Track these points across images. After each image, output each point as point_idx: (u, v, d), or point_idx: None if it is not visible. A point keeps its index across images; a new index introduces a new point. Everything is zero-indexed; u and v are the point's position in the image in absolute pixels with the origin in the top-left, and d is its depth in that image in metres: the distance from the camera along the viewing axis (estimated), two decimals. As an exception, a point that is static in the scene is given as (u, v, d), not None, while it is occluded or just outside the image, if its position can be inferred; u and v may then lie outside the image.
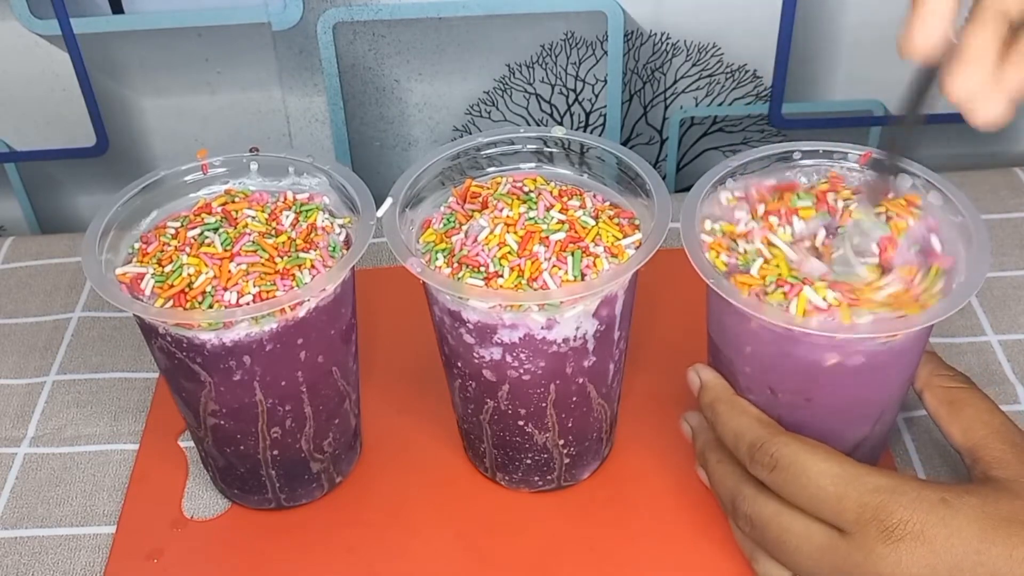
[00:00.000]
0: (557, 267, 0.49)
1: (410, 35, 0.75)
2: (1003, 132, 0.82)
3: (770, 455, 0.48)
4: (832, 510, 0.46)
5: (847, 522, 0.45)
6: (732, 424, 0.51)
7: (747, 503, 0.49)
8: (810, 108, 0.80)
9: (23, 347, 0.69)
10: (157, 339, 0.51)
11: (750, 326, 0.49)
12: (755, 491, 0.49)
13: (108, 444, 0.62)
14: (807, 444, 0.48)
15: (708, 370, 0.54)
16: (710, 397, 0.53)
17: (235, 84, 0.77)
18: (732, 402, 0.52)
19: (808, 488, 0.46)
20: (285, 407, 0.53)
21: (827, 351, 0.48)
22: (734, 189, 0.54)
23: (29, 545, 0.57)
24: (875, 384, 0.50)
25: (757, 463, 0.49)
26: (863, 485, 0.45)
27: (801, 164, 0.55)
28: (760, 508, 0.49)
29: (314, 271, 0.50)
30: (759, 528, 0.49)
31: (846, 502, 0.45)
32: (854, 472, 0.46)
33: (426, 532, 0.56)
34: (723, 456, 0.52)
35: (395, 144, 0.81)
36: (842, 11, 0.76)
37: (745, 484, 0.50)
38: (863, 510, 0.45)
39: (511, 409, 0.53)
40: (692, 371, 0.54)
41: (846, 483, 0.46)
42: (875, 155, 0.52)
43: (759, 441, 0.49)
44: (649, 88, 0.79)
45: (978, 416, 0.50)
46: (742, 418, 0.51)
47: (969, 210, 0.51)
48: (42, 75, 0.76)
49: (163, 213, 0.55)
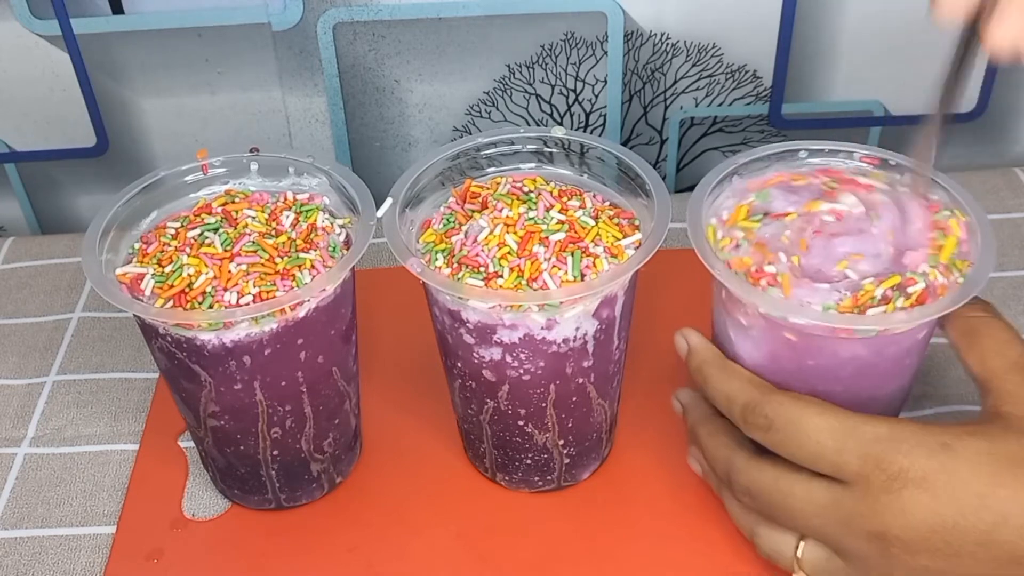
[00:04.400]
0: (557, 267, 0.49)
1: (410, 35, 0.75)
2: (1003, 132, 0.82)
3: (765, 416, 0.47)
4: (833, 464, 0.45)
5: (849, 474, 0.45)
6: (724, 387, 0.50)
7: (743, 474, 0.49)
8: (810, 108, 0.80)
9: (23, 347, 0.69)
10: (157, 339, 0.51)
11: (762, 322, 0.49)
12: (749, 460, 0.49)
13: (108, 444, 0.62)
14: (801, 400, 0.47)
15: (696, 334, 0.53)
16: (698, 360, 0.52)
17: (235, 84, 0.77)
18: (722, 365, 0.51)
19: (807, 445, 0.46)
20: (285, 407, 0.53)
21: (841, 345, 0.47)
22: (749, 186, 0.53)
23: (29, 545, 0.57)
24: (881, 375, 0.50)
25: (752, 425, 0.48)
26: (862, 435, 0.45)
27: (807, 162, 0.54)
28: (757, 476, 0.48)
29: (314, 271, 0.50)
30: (759, 497, 0.48)
31: (846, 455, 0.45)
32: (852, 423, 0.45)
33: (426, 532, 0.56)
34: (714, 428, 0.51)
35: (395, 144, 0.81)
36: (842, 11, 0.76)
37: (739, 454, 0.49)
38: (864, 461, 0.44)
39: (511, 409, 0.53)
40: (679, 335, 0.53)
41: (844, 435, 0.45)
42: (926, 116, 0.49)
43: (752, 403, 0.48)
44: (649, 88, 0.79)
45: (995, 346, 0.48)
46: (733, 380, 0.50)
47: (975, 209, 0.51)
48: (42, 75, 0.76)
49: (163, 213, 0.55)
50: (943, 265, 0.48)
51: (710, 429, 0.52)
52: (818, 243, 0.49)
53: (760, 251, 0.49)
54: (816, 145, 0.54)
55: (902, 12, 0.76)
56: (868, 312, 0.46)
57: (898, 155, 0.53)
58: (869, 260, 0.48)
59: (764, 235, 0.50)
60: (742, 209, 0.52)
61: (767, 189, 0.52)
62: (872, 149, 0.54)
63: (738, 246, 0.50)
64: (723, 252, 0.50)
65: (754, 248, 0.50)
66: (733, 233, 0.51)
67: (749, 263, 0.49)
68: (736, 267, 0.49)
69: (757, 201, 0.52)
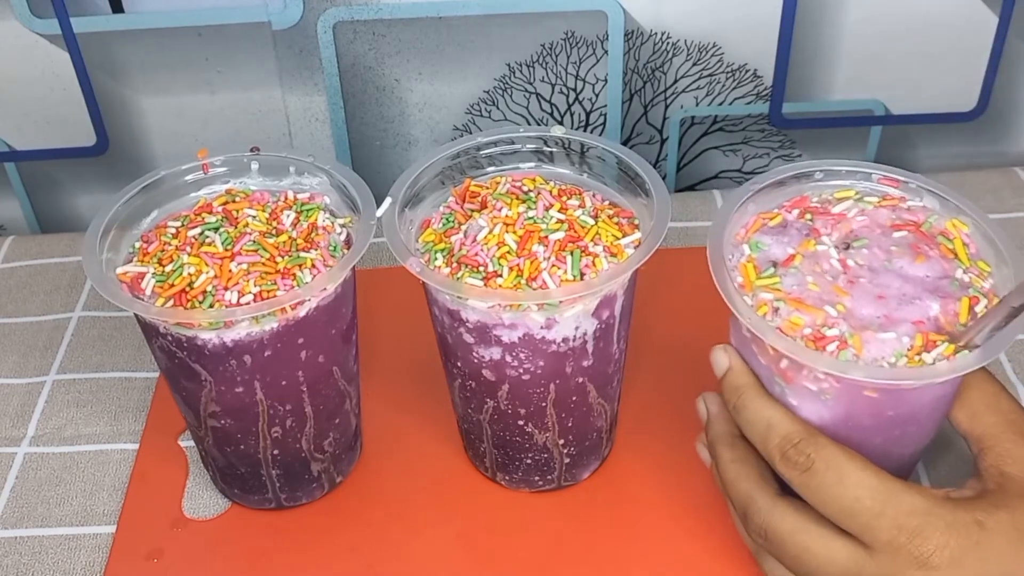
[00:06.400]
0: (556, 267, 0.49)
1: (410, 34, 0.75)
2: (1003, 132, 0.82)
3: (807, 455, 0.45)
4: (864, 526, 0.44)
5: (878, 541, 0.44)
6: (764, 413, 0.47)
7: (763, 515, 0.47)
8: (810, 108, 0.80)
9: (23, 346, 0.69)
10: (158, 339, 0.51)
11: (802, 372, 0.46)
12: (771, 503, 0.47)
13: (108, 444, 0.62)
14: (846, 450, 0.45)
15: (738, 355, 0.50)
16: (740, 381, 0.49)
17: (235, 83, 0.77)
18: (765, 393, 0.48)
19: (843, 498, 0.44)
20: (286, 407, 0.53)
21: (924, 389, 0.46)
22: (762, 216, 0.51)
23: (29, 545, 0.57)
24: (949, 405, 0.49)
25: (790, 460, 0.46)
26: (900, 505, 0.43)
27: (824, 184, 0.52)
28: (777, 522, 0.46)
29: (315, 271, 0.50)
30: (774, 542, 0.46)
31: (882, 520, 0.43)
32: (892, 488, 0.44)
33: (426, 532, 0.56)
34: (737, 455, 0.49)
35: (395, 143, 0.81)
36: (843, 11, 0.75)
37: (761, 493, 0.47)
38: (899, 532, 0.43)
39: (511, 409, 0.53)
40: (721, 350, 0.50)
41: (884, 500, 0.44)
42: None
43: (795, 437, 0.46)
44: (649, 87, 0.79)
45: (984, 400, 0.48)
46: (776, 410, 0.47)
47: (995, 230, 0.49)
48: (42, 74, 0.76)
49: (164, 212, 0.55)
50: (975, 269, 0.47)
51: (734, 455, 0.49)
52: (853, 288, 0.47)
53: (802, 308, 0.46)
54: (833, 166, 0.52)
55: (903, 12, 0.76)
56: (938, 346, 0.45)
57: (915, 176, 0.52)
58: (906, 289, 0.47)
59: (791, 289, 0.47)
60: (748, 268, 0.49)
61: (753, 239, 0.50)
62: (889, 170, 0.52)
63: (776, 309, 0.47)
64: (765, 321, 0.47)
65: (792, 306, 0.46)
66: (761, 296, 0.47)
67: (801, 324, 0.46)
68: (789, 332, 0.46)
69: (755, 254, 0.50)
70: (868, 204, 0.51)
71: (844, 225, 0.50)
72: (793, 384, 0.47)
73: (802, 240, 0.49)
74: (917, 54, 0.77)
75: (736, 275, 0.49)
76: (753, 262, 0.49)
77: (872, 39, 0.77)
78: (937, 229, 0.50)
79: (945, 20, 0.76)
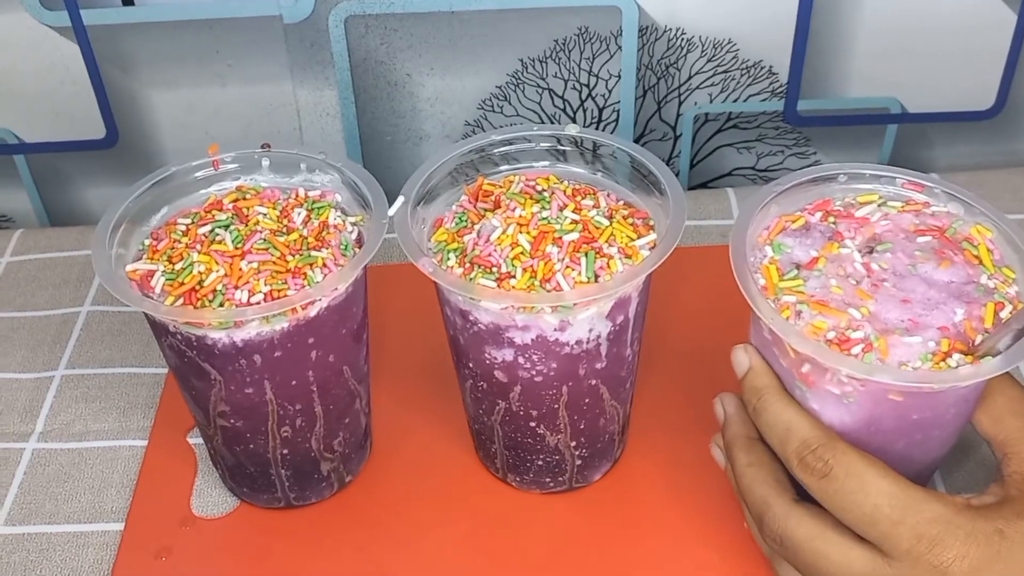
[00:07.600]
0: (570, 268, 0.48)
1: (422, 29, 0.75)
2: (1021, 131, 0.82)
3: (825, 461, 0.45)
4: (884, 534, 0.43)
5: (897, 549, 0.43)
6: (785, 416, 0.47)
7: (780, 521, 0.46)
8: (826, 105, 0.79)
9: (32, 341, 0.69)
10: (167, 337, 0.50)
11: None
12: (787, 509, 0.46)
13: (117, 440, 0.62)
14: (866, 457, 0.45)
15: (759, 355, 0.49)
16: (761, 383, 0.48)
17: (246, 77, 0.77)
18: (785, 395, 0.48)
19: (863, 506, 0.44)
20: (295, 406, 0.52)
21: (948, 393, 0.45)
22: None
23: (37, 542, 0.57)
24: (972, 407, 0.48)
25: (808, 466, 0.45)
26: (920, 513, 0.43)
27: (847, 187, 0.52)
28: (794, 528, 0.46)
29: (326, 270, 0.50)
30: (790, 549, 0.46)
31: (902, 528, 0.43)
32: (913, 496, 0.43)
33: (436, 533, 0.56)
34: (754, 459, 0.48)
35: (406, 139, 0.80)
36: (859, 7, 0.75)
37: (778, 498, 0.47)
38: (918, 541, 0.43)
39: (523, 410, 0.53)
40: (742, 350, 0.49)
41: (904, 508, 0.43)
42: None
43: (815, 442, 0.45)
44: (663, 84, 0.78)
45: (1008, 404, 0.47)
46: (796, 414, 0.47)
47: (1020, 235, 0.49)
48: (52, 67, 0.75)
49: (174, 209, 0.54)
50: (1000, 275, 0.47)
51: (751, 459, 0.49)
52: (877, 292, 0.47)
53: (826, 311, 0.46)
54: (857, 169, 0.52)
55: (920, 9, 0.75)
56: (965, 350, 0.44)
57: (940, 181, 0.51)
58: (931, 294, 0.46)
59: (814, 291, 0.47)
60: (771, 270, 0.48)
61: (776, 241, 0.49)
62: (913, 174, 0.51)
63: (799, 312, 0.46)
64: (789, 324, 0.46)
65: (816, 309, 0.46)
66: (784, 299, 0.47)
67: (824, 328, 0.45)
68: (813, 335, 0.45)
69: (777, 256, 0.49)
70: (892, 208, 0.50)
71: (867, 229, 0.49)
72: (815, 388, 0.47)
73: (825, 243, 0.49)
74: (934, 52, 0.77)
75: (759, 277, 0.48)
76: (776, 264, 0.49)
77: (889, 36, 0.76)
78: (961, 235, 0.49)
79: (963, 18, 0.75)
